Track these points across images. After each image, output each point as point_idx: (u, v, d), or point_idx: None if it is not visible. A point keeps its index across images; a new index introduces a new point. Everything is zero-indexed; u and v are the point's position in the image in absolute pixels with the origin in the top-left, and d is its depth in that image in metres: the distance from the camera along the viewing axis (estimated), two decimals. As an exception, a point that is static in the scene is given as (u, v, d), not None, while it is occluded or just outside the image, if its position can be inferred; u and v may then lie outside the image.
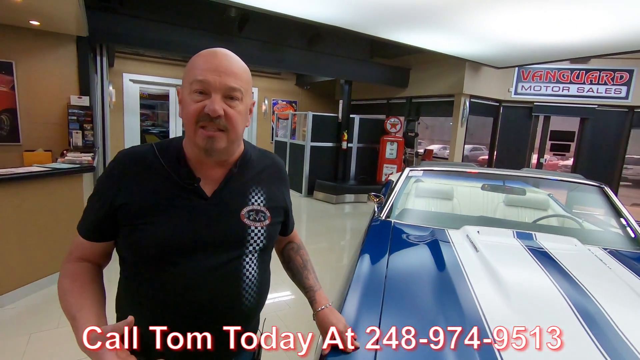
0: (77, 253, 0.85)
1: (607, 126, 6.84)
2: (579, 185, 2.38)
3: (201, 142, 0.77)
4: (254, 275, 0.86)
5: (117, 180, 0.80)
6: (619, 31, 3.99)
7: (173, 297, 0.78)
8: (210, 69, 0.75)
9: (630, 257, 1.70)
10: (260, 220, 0.86)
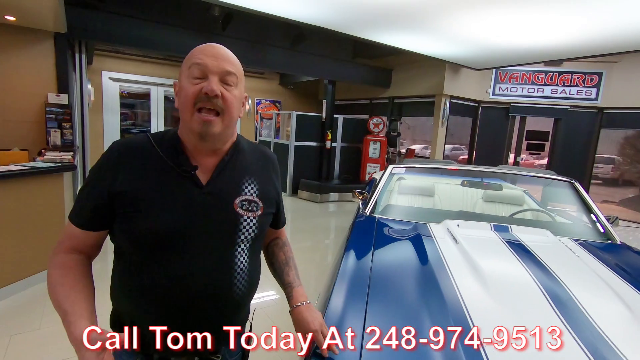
0: (68, 243, 0.84)
1: (579, 126, 7.15)
2: (552, 181, 2.51)
3: (197, 126, 0.79)
4: (245, 264, 0.87)
5: (112, 169, 0.80)
6: (589, 36, 4.21)
7: (168, 285, 0.79)
8: (207, 55, 0.79)
9: (597, 247, 1.81)
10: (252, 210, 0.88)
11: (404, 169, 2.66)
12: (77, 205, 0.84)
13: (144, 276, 0.80)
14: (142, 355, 0.85)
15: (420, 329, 1.05)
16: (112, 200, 0.79)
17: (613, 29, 3.92)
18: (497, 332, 1.04)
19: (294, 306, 0.95)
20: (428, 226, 1.96)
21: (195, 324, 0.83)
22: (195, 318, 0.83)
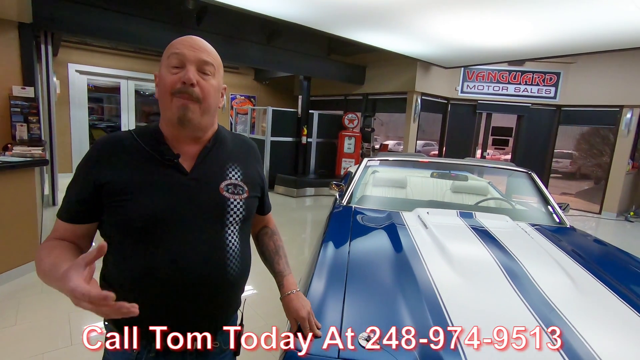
0: (56, 235, 0.84)
1: (539, 123, 7.62)
2: (513, 172, 2.73)
3: (175, 110, 0.81)
4: (237, 246, 0.89)
5: (97, 163, 0.82)
6: (547, 38, 4.52)
7: (161, 270, 0.80)
8: (186, 45, 0.82)
9: (550, 229, 2.02)
10: (238, 193, 0.90)
11: (378, 162, 2.80)
12: (64, 201, 0.85)
13: (137, 262, 0.80)
14: (140, 344, 0.85)
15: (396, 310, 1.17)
16: (98, 192, 0.81)
17: (568, 33, 4.23)
18: (462, 303, 1.19)
19: (285, 294, 1.02)
20: (401, 214, 2.10)
21: (191, 307, 0.84)
22: (191, 301, 0.84)
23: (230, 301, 0.93)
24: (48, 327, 2.27)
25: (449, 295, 1.23)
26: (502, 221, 2.03)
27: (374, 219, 2.06)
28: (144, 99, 8.14)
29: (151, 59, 7.75)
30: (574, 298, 1.26)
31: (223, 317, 0.93)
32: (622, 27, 3.86)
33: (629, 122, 6.58)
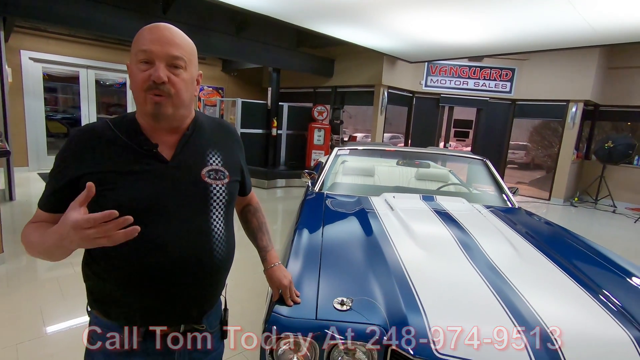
0: (37, 220, 0.86)
1: (497, 116, 8.11)
2: (470, 159, 2.98)
3: (149, 107, 0.81)
4: (222, 230, 0.92)
5: (74, 154, 0.82)
6: (503, 36, 4.84)
7: (148, 256, 0.81)
8: (153, 40, 0.80)
9: (500, 210, 2.26)
10: (220, 178, 0.92)
11: (347, 151, 2.95)
12: (44, 192, 0.86)
13: (122, 250, 0.79)
14: (129, 328, 0.87)
15: (367, 282, 1.32)
16: (76, 184, 0.80)
17: (520, 32, 4.57)
18: (424, 273, 1.35)
19: (268, 267, 1.12)
20: (369, 199, 2.26)
21: (178, 292, 0.86)
22: (178, 286, 0.86)
23: (216, 284, 0.96)
24: (19, 319, 2.24)
25: (413, 267, 1.40)
26: (459, 203, 2.25)
27: (345, 203, 2.20)
28: (105, 89, 7.81)
29: (114, 47, 7.44)
30: (517, 265, 1.46)
31: (209, 300, 0.96)
32: (564, 27, 4.22)
33: (574, 115, 7.18)
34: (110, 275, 0.83)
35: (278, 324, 1.11)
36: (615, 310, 1.21)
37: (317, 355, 1.11)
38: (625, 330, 1.11)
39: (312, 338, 1.09)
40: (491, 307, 1.18)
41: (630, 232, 5.60)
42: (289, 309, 1.14)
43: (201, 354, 0.97)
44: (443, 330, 1.08)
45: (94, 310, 0.90)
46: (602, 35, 4.40)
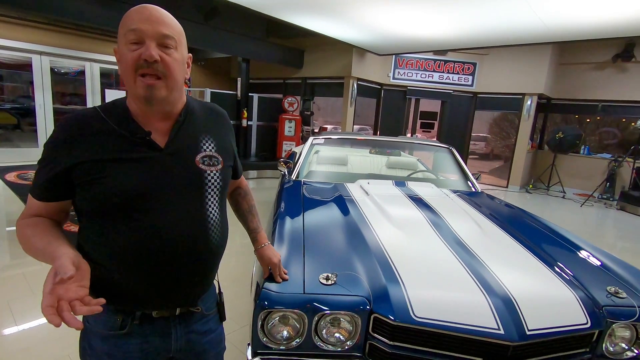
0: (31, 212, 0.85)
1: (459, 108, 8.49)
2: (437, 147, 3.15)
3: (141, 90, 0.78)
4: (216, 215, 0.92)
5: (65, 144, 0.80)
6: (465, 31, 5.08)
7: (145, 242, 0.81)
8: (142, 19, 0.78)
9: (465, 193, 2.44)
10: (214, 164, 0.91)
11: (322, 140, 3.03)
12: (34, 180, 0.84)
13: (118, 236, 0.81)
14: (124, 312, 0.87)
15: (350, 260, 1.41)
16: (69, 173, 0.79)
17: (481, 28, 4.82)
18: (400, 249, 1.47)
19: (259, 247, 1.18)
20: (345, 185, 2.36)
21: (175, 276, 0.86)
22: (175, 270, 0.86)
23: (212, 268, 0.96)
24: (-15, 316, 2.15)
25: (390, 245, 1.51)
26: (429, 188, 2.40)
27: (322, 189, 2.29)
28: (60, 78, 7.36)
29: (70, 33, 7.00)
30: (482, 240, 1.62)
31: (205, 284, 0.96)
32: (520, 25, 4.51)
33: (530, 108, 7.67)
34: (108, 261, 0.82)
35: (269, 300, 1.18)
36: (565, 276, 1.39)
37: (305, 327, 1.19)
38: (572, 292, 1.28)
39: (300, 310, 1.17)
40: (461, 276, 1.31)
41: (577, 215, 6.13)
42: (279, 285, 1.22)
43: (199, 336, 0.98)
44: (419, 297, 1.19)
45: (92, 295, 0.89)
46: (554, 33, 4.74)
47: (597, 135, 9.10)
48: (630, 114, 7.70)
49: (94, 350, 0.88)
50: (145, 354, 0.90)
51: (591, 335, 1.22)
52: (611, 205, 7.05)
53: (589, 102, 7.99)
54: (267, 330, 1.20)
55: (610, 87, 7.64)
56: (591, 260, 1.58)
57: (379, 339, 1.19)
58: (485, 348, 1.12)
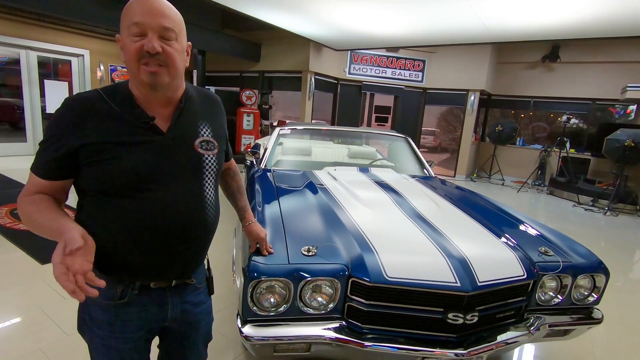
0: (33, 189, 0.87)
1: (411, 103, 8.97)
2: (394, 137, 3.39)
3: (145, 78, 0.83)
4: (212, 195, 1.00)
5: (73, 124, 0.83)
6: (416, 30, 5.42)
7: (149, 219, 0.87)
8: (144, 12, 0.81)
9: (422, 178, 2.69)
10: (210, 149, 0.98)
11: (289, 130, 3.14)
12: (38, 158, 0.86)
13: (123, 213, 0.85)
14: (124, 283, 0.92)
15: (327, 235, 1.55)
16: (76, 153, 0.83)
17: (431, 27, 5.17)
18: (371, 224, 1.64)
19: (246, 224, 1.28)
20: (313, 172, 2.50)
21: (175, 249, 0.93)
22: (175, 244, 0.92)
23: (206, 243, 1.03)
24: None
25: (361, 221, 1.67)
26: (390, 173, 2.62)
27: (292, 176, 2.41)
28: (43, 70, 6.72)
29: (6, 18, 6.37)
30: (439, 215, 1.84)
31: (199, 258, 1.03)
32: (464, 26, 4.92)
33: (473, 103, 8.32)
34: (112, 236, 0.86)
35: (257, 270, 1.29)
36: (506, 241, 1.65)
37: (291, 294, 1.32)
38: (512, 252, 1.53)
39: (286, 279, 1.30)
40: (423, 243, 1.51)
41: (514, 199, 6.81)
42: (265, 258, 1.33)
43: (192, 306, 1.04)
44: (390, 261, 1.37)
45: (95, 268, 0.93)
46: (493, 34, 5.22)
47: (530, 129, 10.08)
48: (557, 109, 8.65)
49: (94, 320, 0.93)
50: (143, 322, 0.96)
51: (527, 285, 1.48)
52: (542, 190, 7.90)
53: (522, 98, 8.85)
54: (256, 298, 1.31)
55: (540, 85, 8.52)
56: (527, 229, 1.87)
57: (356, 300, 1.35)
58: (445, 299, 1.32)
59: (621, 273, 3.54)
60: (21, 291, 2.33)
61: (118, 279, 0.91)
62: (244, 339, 1.30)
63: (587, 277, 1.59)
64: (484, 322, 1.41)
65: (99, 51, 7.79)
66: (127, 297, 0.92)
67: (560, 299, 1.57)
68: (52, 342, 1.86)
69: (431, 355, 1.32)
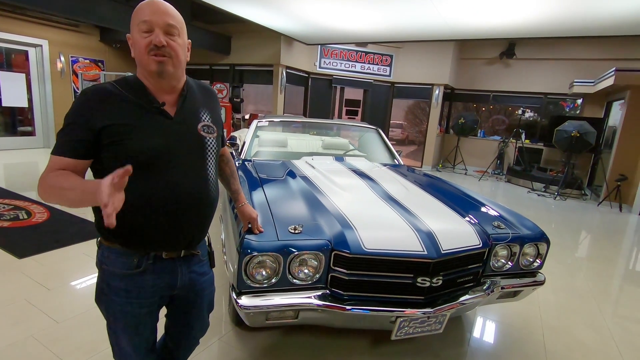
0: (57, 167, 0.94)
1: (380, 96, 9.27)
2: (366, 128, 3.60)
3: (154, 66, 0.96)
4: (213, 174, 1.13)
5: (97, 108, 0.94)
6: (383, 26, 5.65)
7: (161, 193, 0.98)
8: (151, 12, 0.96)
9: (392, 166, 2.92)
10: (211, 132, 1.11)
11: (267, 122, 3.26)
12: (60, 141, 0.95)
13: (137, 188, 0.93)
14: (138, 254, 1.03)
15: (312, 217, 1.71)
16: (97, 135, 0.94)
17: (398, 24, 5.42)
18: (350, 206, 1.82)
19: (240, 205, 1.42)
20: (292, 162, 2.65)
21: (183, 221, 1.04)
22: (183, 215, 1.04)
23: (209, 217, 1.14)
24: None
25: (341, 203, 1.85)
26: (363, 162, 2.83)
27: (273, 165, 2.55)
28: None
29: None
30: (409, 197, 2.06)
31: (203, 230, 1.15)
32: (428, 23, 5.21)
33: (438, 97, 8.74)
34: (128, 210, 0.90)
35: (250, 247, 1.44)
36: (466, 217, 1.89)
37: (280, 267, 1.48)
38: (471, 226, 1.77)
39: (276, 253, 1.46)
40: (395, 219, 1.71)
41: (476, 187, 7.29)
42: (257, 236, 1.48)
43: (198, 275, 1.18)
44: (367, 236, 1.56)
45: (105, 242, 1.05)
46: (455, 32, 5.55)
47: (490, 121, 10.71)
48: (514, 103, 9.26)
49: (112, 288, 1.05)
50: (157, 289, 1.08)
51: (483, 253, 1.72)
52: (501, 178, 8.49)
53: (483, 92, 9.39)
54: (249, 272, 1.46)
55: (498, 80, 9.08)
56: (483, 207, 2.13)
57: (338, 271, 1.53)
58: (414, 266, 1.54)
59: (568, 249, 3.98)
60: (0, 284, 2.33)
61: (134, 250, 1.03)
62: (240, 309, 1.45)
63: (532, 245, 1.87)
64: (448, 285, 1.64)
65: (59, 41, 7.45)
66: (143, 266, 1.04)
67: (510, 265, 1.84)
68: (42, 329, 1.91)
69: (403, 314, 1.53)
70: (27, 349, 1.76)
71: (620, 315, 2.59)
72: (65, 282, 2.40)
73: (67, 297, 2.23)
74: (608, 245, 4.26)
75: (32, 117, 7.54)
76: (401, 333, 1.58)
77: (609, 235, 4.69)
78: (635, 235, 4.79)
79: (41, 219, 3.48)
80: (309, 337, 2.03)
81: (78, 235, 3.14)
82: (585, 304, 2.70)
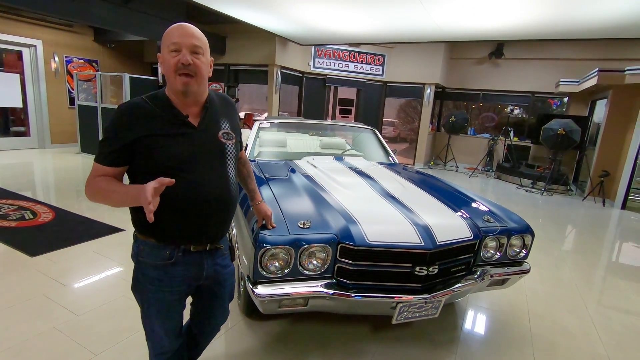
0: (100, 174, 1.10)
1: (372, 95, 9.43)
2: (362, 129, 3.76)
3: (180, 86, 1.09)
4: (233, 176, 1.25)
5: (132, 121, 1.08)
6: (376, 28, 5.80)
7: (190, 194, 1.11)
8: (180, 35, 1.09)
9: (388, 164, 3.08)
10: (230, 139, 1.23)
11: (268, 124, 3.39)
12: (102, 151, 1.10)
13: (171, 189, 1.02)
14: (170, 247, 1.17)
15: (318, 213, 1.86)
16: (131, 145, 1.07)
17: (390, 25, 5.57)
18: (352, 202, 1.97)
19: (256, 203, 1.55)
20: (294, 162, 2.79)
21: (208, 219, 1.17)
22: (208, 214, 1.16)
23: (231, 214, 1.27)
24: None
25: (344, 200, 2.00)
26: (362, 161, 2.98)
27: (276, 165, 2.69)
28: None
29: None
30: (405, 193, 2.22)
31: (226, 226, 1.27)
32: (419, 25, 5.38)
33: (429, 96, 8.94)
34: (160, 209, 1.04)
35: (265, 241, 1.58)
36: (459, 212, 2.05)
37: (292, 259, 1.63)
38: (463, 220, 1.94)
39: (288, 246, 1.60)
40: (395, 215, 1.87)
41: (466, 184, 7.52)
42: (270, 231, 1.62)
43: (221, 267, 1.31)
44: (370, 229, 1.71)
45: (141, 236, 1.19)
46: (445, 34, 5.73)
47: (480, 119, 10.96)
48: (503, 101, 9.52)
49: (147, 276, 1.18)
50: (185, 279, 1.22)
51: (474, 245, 1.89)
52: (490, 175, 8.74)
53: (473, 91, 9.63)
54: (264, 264, 1.60)
55: (487, 79, 9.32)
56: (474, 203, 2.30)
57: (344, 262, 1.68)
58: (413, 256, 1.69)
59: (554, 242, 4.20)
60: (16, 281, 2.43)
61: (166, 244, 1.17)
62: (255, 297, 1.59)
63: (518, 237, 2.04)
64: (443, 274, 1.81)
65: (53, 41, 7.45)
66: (174, 258, 1.17)
67: (499, 255, 2.01)
68: (64, 321, 2.03)
69: (403, 300, 1.68)
70: (53, 338, 1.88)
71: (601, 303, 2.80)
72: (79, 278, 2.51)
73: (83, 292, 2.34)
74: (591, 238, 4.49)
75: (26, 117, 7.53)
76: (401, 317, 1.74)
77: (593, 228, 4.93)
78: (617, 229, 5.04)
79: (47, 218, 3.57)
80: (314, 325, 2.18)
81: (86, 234, 3.24)
82: (569, 293, 2.90)
